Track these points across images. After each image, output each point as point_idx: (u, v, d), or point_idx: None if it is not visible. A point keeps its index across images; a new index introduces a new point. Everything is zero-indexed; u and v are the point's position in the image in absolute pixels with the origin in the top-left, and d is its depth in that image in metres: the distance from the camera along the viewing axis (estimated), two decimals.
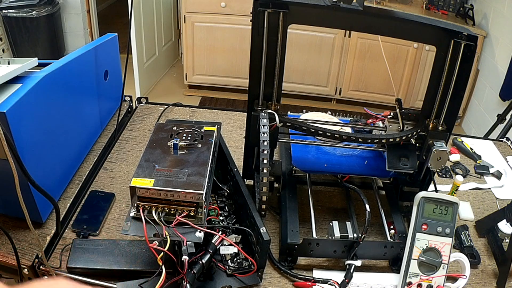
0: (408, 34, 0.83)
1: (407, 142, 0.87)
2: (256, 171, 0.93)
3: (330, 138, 0.86)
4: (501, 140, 1.41)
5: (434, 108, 0.85)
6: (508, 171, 1.22)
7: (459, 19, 3.03)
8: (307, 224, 0.93)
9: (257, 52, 0.80)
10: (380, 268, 0.88)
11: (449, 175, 1.18)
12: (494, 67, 2.89)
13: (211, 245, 0.76)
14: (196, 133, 0.84)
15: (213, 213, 0.83)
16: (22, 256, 0.80)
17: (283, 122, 0.85)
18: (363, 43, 3.05)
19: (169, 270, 0.70)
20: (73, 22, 3.43)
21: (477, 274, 0.89)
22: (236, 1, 3.00)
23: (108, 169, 1.07)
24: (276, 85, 0.84)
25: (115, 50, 1.24)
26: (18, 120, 0.74)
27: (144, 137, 1.21)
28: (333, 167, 0.96)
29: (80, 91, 1.03)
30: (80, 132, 1.07)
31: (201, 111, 1.38)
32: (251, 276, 0.79)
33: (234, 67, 3.25)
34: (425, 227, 0.80)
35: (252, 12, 0.77)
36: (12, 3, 2.95)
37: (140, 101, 1.38)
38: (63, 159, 0.97)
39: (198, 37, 3.16)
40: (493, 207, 1.08)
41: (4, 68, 0.80)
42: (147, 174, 0.71)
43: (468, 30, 0.78)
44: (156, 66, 3.52)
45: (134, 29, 2.93)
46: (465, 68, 0.80)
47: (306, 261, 0.87)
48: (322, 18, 0.81)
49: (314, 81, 3.28)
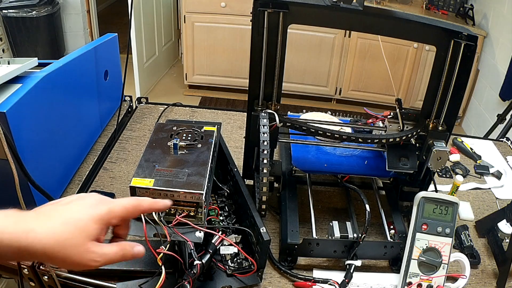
0: (408, 34, 0.83)
1: (407, 142, 0.87)
2: (256, 171, 0.93)
3: (330, 138, 0.86)
4: (501, 140, 1.41)
5: (434, 108, 0.85)
6: (508, 171, 1.22)
7: (459, 19, 3.03)
8: (307, 224, 0.93)
9: (257, 52, 0.80)
10: (380, 268, 0.88)
11: (449, 175, 1.18)
12: (494, 67, 2.89)
13: (211, 245, 0.76)
14: (196, 133, 0.84)
15: (213, 213, 0.83)
16: None
17: (283, 122, 0.85)
18: (363, 43, 3.05)
19: (169, 270, 0.70)
20: (73, 22, 3.43)
21: (477, 274, 0.89)
22: (236, 1, 3.00)
23: (108, 169, 1.07)
24: (276, 85, 0.84)
25: (115, 50, 1.24)
26: (18, 120, 0.74)
27: (144, 137, 1.21)
28: (333, 167, 0.96)
29: (80, 91, 1.04)
30: (80, 132, 1.07)
31: (201, 111, 1.38)
32: (251, 276, 0.79)
33: (234, 67, 3.25)
34: (425, 227, 0.80)
35: (252, 12, 0.77)
36: (12, 3, 2.95)
37: (140, 101, 1.38)
38: (63, 159, 0.97)
39: (198, 37, 3.16)
40: (493, 207, 1.08)
41: (4, 68, 0.81)
42: (147, 174, 0.71)
43: (468, 30, 0.78)
44: (156, 66, 3.53)
45: (134, 29, 2.93)
46: (465, 68, 0.80)
47: (306, 261, 0.87)
48: (322, 18, 0.81)
49: (314, 81, 3.28)
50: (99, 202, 0.53)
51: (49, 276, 0.77)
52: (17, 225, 0.47)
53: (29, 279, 0.81)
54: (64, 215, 0.50)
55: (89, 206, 0.51)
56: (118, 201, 0.54)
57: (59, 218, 0.49)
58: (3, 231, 0.46)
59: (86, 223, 0.50)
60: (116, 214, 0.53)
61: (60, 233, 0.48)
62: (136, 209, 0.56)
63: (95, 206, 0.52)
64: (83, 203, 0.52)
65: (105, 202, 0.53)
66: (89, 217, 0.50)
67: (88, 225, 0.50)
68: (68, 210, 0.51)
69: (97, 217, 0.51)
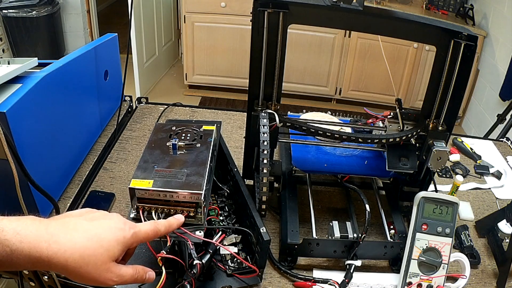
0: (408, 34, 0.83)
1: (407, 142, 0.87)
2: (256, 171, 0.93)
3: (330, 138, 0.86)
4: (501, 140, 1.41)
5: (434, 108, 0.85)
6: (508, 171, 1.22)
7: (459, 19, 3.03)
8: (307, 224, 0.93)
9: (257, 52, 0.80)
10: (380, 268, 0.88)
11: (449, 175, 1.18)
12: (494, 67, 2.89)
13: (211, 245, 0.76)
14: (195, 133, 0.83)
15: (213, 213, 0.82)
16: None
17: (283, 122, 0.85)
18: (363, 43, 3.05)
19: (169, 270, 0.70)
20: (73, 22, 3.44)
21: (477, 274, 0.89)
22: (236, 1, 3.00)
23: (108, 169, 1.07)
24: (276, 85, 0.84)
25: (115, 50, 1.24)
26: (18, 120, 0.74)
27: (144, 137, 1.21)
28: (333, 167, 0.96)
29: (80, 91, 1.04)
30: (80, 132, 1.07)
31: (201, 111, 1.38)
32: (251, 276, 0.79)
33: (234, 67, 3.25)
34: (425, 227, 0.80)
35: (252, 12, 0.77)
36: (12, 3, 2.95)
37: (140, 101, 1.38)
38: (63, 159, 0.97)
39: (198, 37, 3.16)
40: (493, 207, 1.08)
41: (4, 68, 0.80)
42: (146, 175, 0.71)
43: (468, 30, 0.78)
44: (156, 66, 3.53)
45: (134, 29, 2.93)
46: (465, 68, 0.80)
47: (306, 261, 0.87)
48: (322, 18, 0.81)
49: (314, 81, 3.28)
50: (125, 225, 0.54)
51: (49, 276, 0.77)
52: (39, 234, 0.46)
53: (29, 279, 0.81)
54: (91, 232, 0.50)
55: (116, 228, 0.53)
56: (141, 226, 0.56)
57: (84, 233, 0.50)
58: (23, 240, 0.45)
59: (112, 243, 0.51)
60: (138, 239, 0.55)
61: (85, 248, 0.48)
62: (156, 233, 0.58)
63: (122, 229, 0.53)
64: (110, 223, 0.53)
65: (130, 225, 0.54)
66: (115, 238, 0.51)
67: (113, 246, 0.51)
68: (95, 227, 0.51)
69: (122, 240, 0.52)
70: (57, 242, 0.46)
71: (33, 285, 0.82)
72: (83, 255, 0.48)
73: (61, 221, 0.50)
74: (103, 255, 0.49)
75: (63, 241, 0.47)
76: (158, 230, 0.58)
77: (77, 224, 0.51)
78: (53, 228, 0.48)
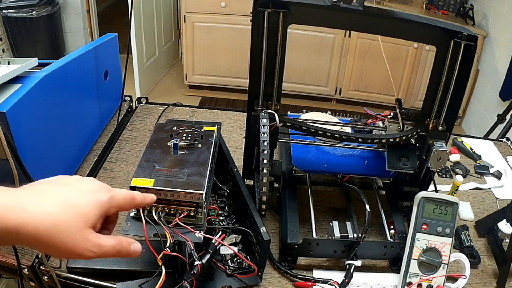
0: (408, 34, 0.83)
1: (407, 142, 0.87)
2: (256, 171, 0.93)
3: (330, 138, 0.86)
4: (501, 140, 1.41)
5: (434, 108, 0.85)
6: (508, 171, 1.22)
7: (459, 19, 3.03)
8: (307, 224, 0.93)
9: (257, 52, 0.80)
10: (380, 268, 0.88)
11: (449, 175, 1.18)
12: (494, 67, 2.89)
13: (211, 245, 0.76)
14: (196, 133, 0.84)
15: (213, 213, 0.82)
16: (22, 256, 0.80)
17: (283, 122, 0.85)
18: (363, 43, 3.05)
19: (169, 270, 0.70)
20: (73, 22, 3.44)
21: (477, 274, 0.89)
22: (236, 1, 3.00)
23: (108, 169, 1.07)
24: (276, 85, 0.84)
25: (115, 50, 1.24)
26: (18, 120, 0.74)
27: (144, 137, 1.21)
28: (333, 167, 0.96)
29: (80, 91, 1.04)
30: (80, 132, 1.07)
31: (201, 111, 1.38)
32: (251, 276, 0.79)
33: (234, 67, 3.25)
34: (425, 227, 0.80)
35: (252, 12, 0.77)
36: (12, 3, 2.95)
37: (140, 101, 1.38)
38: (63, 159, 0.98)
39: (198, 37, 3.16)
40: (493, 207, 1.08)
41: (4, 68, 0.81)
42: (147, 174, 0.71)
43: (468, 30, 0.78)
44: (156, 66, 3.53)
45: (134, 29, 2.93)
46: (465, 68, 0.80)
47: (306, 261, 0.87)
48: (322, 18, 0.81)
49: (314, 81, 3.28)
50: (100, 188, 0.50)
51: (49, 276, 0.77)
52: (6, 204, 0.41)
53: (29, 279, 0.81)
54: (62, 197, 0.46)
55: (90, 191, 0.48)
56: (117, 190, 0.52)
57: (56, 198, 0.45)
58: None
59: (86, 208, 0.46)
60: (116, 203, 0.50)
61: (56, 214, 0.43)
62: (132, 201, 0.54)
63: (96, 191, 0.49)
64: (84, 186, 0.49)
65: (106, 189, 0.50)
66: (90, 202, 0.47)
67: (88, 211, 0.46)
68: (67, 192, 0.47)
69: (98, 204, 0.48)
70: (26, 210, 0.42)
71: (33, 285, 0.82)
72: (55, 222, 0.43)
73: (31, 188, 0.46)
74: (78, 221, 0.45)
75: (32, 208, 0.42)
76: (134, 198, 0.54)
77: (48, 190, 0.46)
78: (21, 196, 0.44)
